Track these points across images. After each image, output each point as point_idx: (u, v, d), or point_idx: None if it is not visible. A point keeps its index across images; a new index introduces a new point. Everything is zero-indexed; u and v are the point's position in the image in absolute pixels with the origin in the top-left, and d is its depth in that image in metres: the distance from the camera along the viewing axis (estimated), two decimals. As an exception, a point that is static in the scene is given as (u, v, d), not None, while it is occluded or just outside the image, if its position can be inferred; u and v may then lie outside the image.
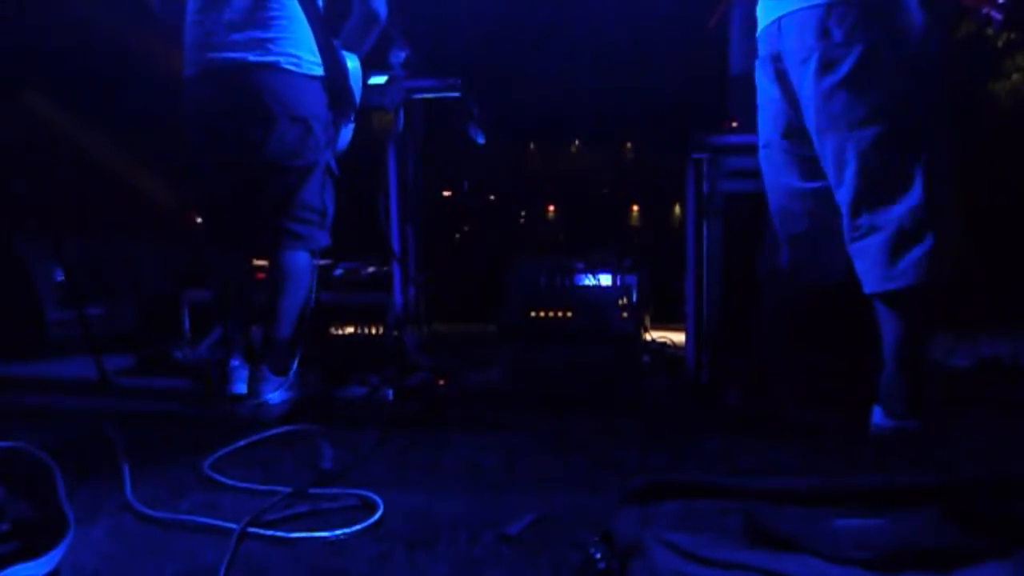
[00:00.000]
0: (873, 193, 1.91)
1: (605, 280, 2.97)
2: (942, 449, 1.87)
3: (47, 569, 1.14)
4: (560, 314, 2.69)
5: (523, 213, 6.67)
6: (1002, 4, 1.95)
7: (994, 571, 0.95)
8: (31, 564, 1.11)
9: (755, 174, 2.63)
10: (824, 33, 1.91)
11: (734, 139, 2.68)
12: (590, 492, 1.60)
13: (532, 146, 6.62)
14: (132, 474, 1.62)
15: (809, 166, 2.09)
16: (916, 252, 1.87)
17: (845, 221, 1.98)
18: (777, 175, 2.20)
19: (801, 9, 1.95)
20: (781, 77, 2.09)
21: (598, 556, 1.04)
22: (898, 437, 1.94)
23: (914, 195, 1.87)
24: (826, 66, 1.93)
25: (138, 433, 2.03)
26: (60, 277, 3.44)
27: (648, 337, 3.38)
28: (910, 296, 1.90)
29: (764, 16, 2.11)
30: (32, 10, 3.72)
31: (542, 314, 2.71)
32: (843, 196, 1.97)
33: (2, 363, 3.16)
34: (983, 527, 1.04)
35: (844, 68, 1.90)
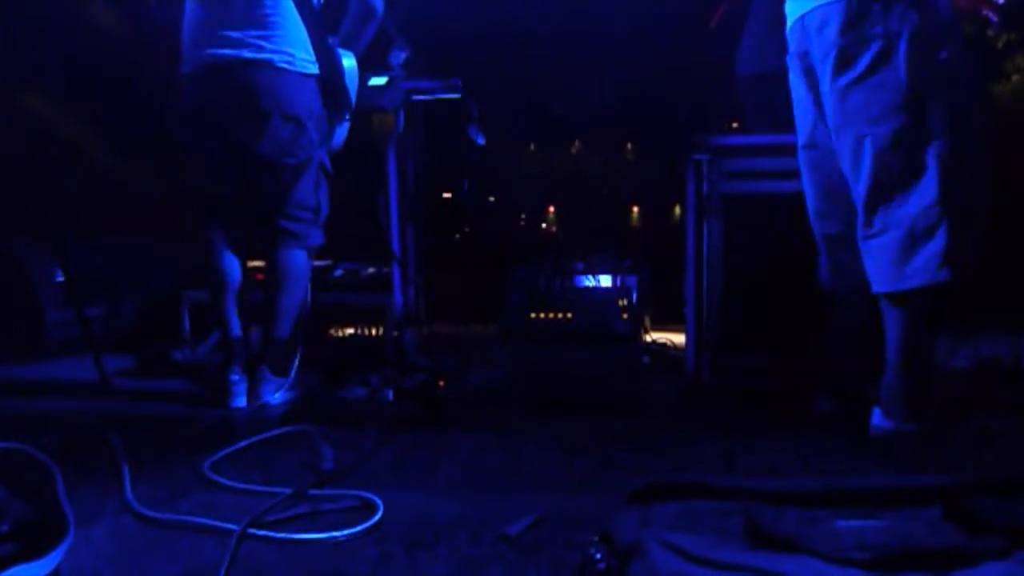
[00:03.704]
0: (888, 191, 1.89)
1: (605, 281, 2.97)
2: (942, 450, 1.87)
3: (47, 570, 1.14)
4: (560, 315, 2.69)
5: (523, 214, 6.66)
6: (1000, 5, 1.94)
7: (994, 571, 0.95)
8: (31, 565, 1.11)
9: (755, 175, 2.64)
10: (843, 29, 1.90)
11: (734, 140, 2.68)
12: (590, 493, 1.60)
13: (532, 146, 6.62)
14: (132, 474, 1.62)
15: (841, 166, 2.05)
16: (928, 252, 1.85)
17: (859, 219, 1.96)
18: (812, 175, 2.17)
19: (822, 5, 1.94)
20: (808, 74, 2.08)
21: (598, 556, 1.04)
22: (898, 438, 1.93)
23: (929, 194, 1.85)
24: (844, 62, 1.91)
25: (138, 433, 2.03)
26: (60, 277, 3.43)
27: (648, 338, 3.38)
28: (920, 297, 1.88)
29: (791, 13, 2.09)
30: (32, 10, 3.72)
31: (542, 315, 2.71)
32: (858, 193, 1.95)
33: (2, 363, 3.16)
34: (983, 527, 1.04)
35: (862, 64, 1.89)
